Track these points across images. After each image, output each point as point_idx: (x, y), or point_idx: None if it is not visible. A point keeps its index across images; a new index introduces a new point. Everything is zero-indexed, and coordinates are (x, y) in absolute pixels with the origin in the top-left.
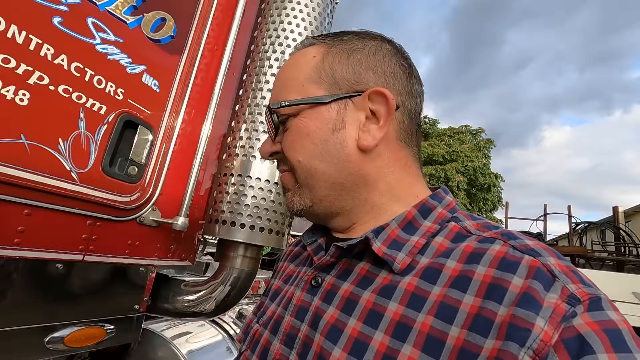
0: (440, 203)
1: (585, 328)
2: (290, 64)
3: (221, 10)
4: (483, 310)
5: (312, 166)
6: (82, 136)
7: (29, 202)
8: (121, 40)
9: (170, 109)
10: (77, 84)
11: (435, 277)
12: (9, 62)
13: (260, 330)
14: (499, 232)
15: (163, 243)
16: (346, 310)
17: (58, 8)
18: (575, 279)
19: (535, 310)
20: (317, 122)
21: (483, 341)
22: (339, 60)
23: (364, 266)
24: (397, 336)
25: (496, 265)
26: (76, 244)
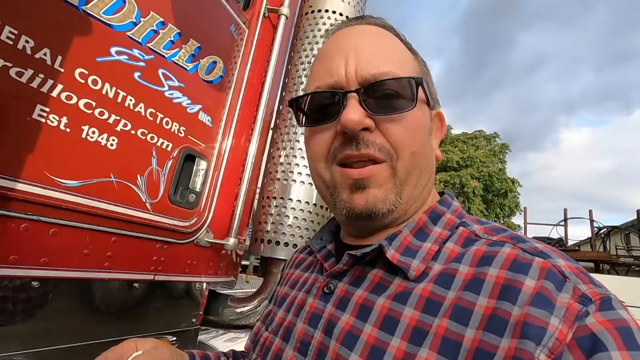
0: (448, 209)
1: (597, 327)
2: (390, 42)
3: (259, 50)
4: (497, 311)
5: (419, 162)
6: (154, 171)
7: (116, 230)
8: (183, 85)
9: (220, 140)
10: (151, 127)
11: (449, 282)
12: (103, 114)
13: (270, 337)
14: (508, 236)
15: (214, 261)
16: (361, 317)
17: (138, 65)
18: (586, 280)
19: (549, 309)
20: (425, 120)
21: (499, 341)
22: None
23: (377, 273)
24: (413, 341)
25: (508, 267)
26: (149, 265)
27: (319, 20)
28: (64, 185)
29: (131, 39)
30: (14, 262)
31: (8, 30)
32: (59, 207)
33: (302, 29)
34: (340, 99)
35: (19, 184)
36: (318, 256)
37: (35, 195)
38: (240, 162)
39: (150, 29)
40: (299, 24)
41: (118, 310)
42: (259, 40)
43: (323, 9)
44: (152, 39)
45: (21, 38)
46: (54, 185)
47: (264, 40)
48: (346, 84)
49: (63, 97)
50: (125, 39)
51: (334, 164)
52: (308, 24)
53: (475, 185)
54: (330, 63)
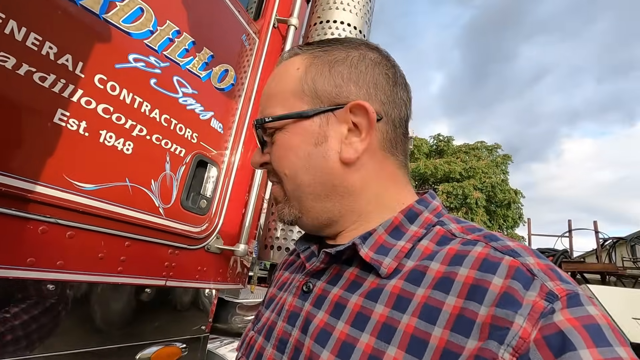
0: (426, 208)
1: (565, 324)
2: (276, 76)
3: (268, 59)
4: (464, 311)
5: (298, 179)
6: (168, 176)
7: (129, 235)
8: (196, 92)
9: (231, 147)
10: (166, 133)
11: (420, 279)
12: (120, 120)
13: (255, 336)
14: (482, 235)
15: (223, 268)
16: (335, 314)
17: (154, 72)
18: (554, 277)
19: (515, 308)
20: (300, 136)
21: (465, 341)
22: (321, 72)
23: (353, 271)
24: (382, 337)
25: (477, 266)
26: (160, 270)
27: (327, 31)
28: (82, 189)
29: (148, 47)
30: (31, 265)
31: (34, 36)
32: (76, 210)
33: (310, 39)
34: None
35: (39, 187)
36: (302, 256)
37: (54, 198)
38: (250, 168)
39: (166, 37)
40: (307, 34)
41: (129, 316)
42: (269, 49)
43: (331, 19)
44: (168, 46)
45: (45, 44)
46: (72, 188)
47: (274, 50)
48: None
49: (83, 102)
50: (143, 46)
51: None
52: (317, 35)
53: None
54: None
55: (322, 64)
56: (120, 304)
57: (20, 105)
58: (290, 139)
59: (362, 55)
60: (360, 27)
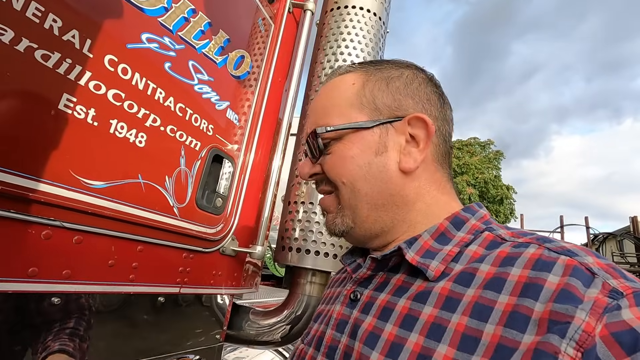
0: (473, 215)
1: (637, 322)
2: (329, 90)
3: (283, 46)
4: (518, 307)
5: (356, 187)
6: (182, 172)
7: (142, 238)
8: (212, 79)
9: (247, 140)
10: (180, 124)
11: (469, 280)
12: (132, 108)
13: (305, 349)
14: (534, 237)
15: (238, 272)
16: (383, 318)
17: (168, 54)
18: (617, 275)
19: (575, 304)
20: (360, 146)
21: (521, 337)
22: (379, 87)
23: (400, 277)
24: (431, 336)
25: (531, 266)
26: (174, 276)
27: (346, 17)
28: (90, 187)
29: (162, 26)
30: (33, 276)
31: (34, 6)
32: (84, 211)
33: (326, 25)
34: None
35: (42, 185)
36: (348, 269)
37: (60, 198)
38: (264, 164)
39: (181, 16)
40: (323, 20)
41: (140, 328)
42: (284, 36)
43: (349, 5)
44: (183, 27)
45: (48, 16)
46: (79, 186)
47: (289, 37)
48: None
49: (91, 87)
50: (157, 25)
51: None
52: (334, 21)
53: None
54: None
55: (379, 79)
56: (131, 316)
57: (20, 88)
58: (350, 148)
59: (414, 74)
60: (380, 14)
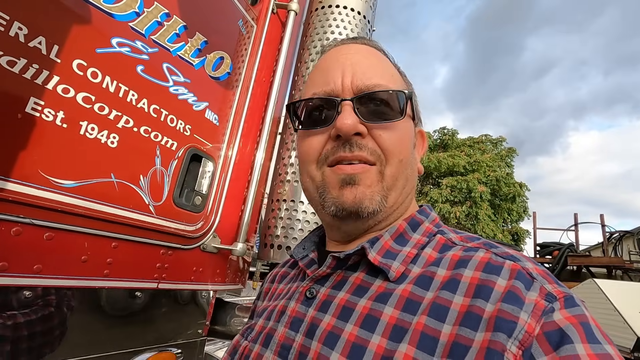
0: (427, 218)
1: (564, 322)
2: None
3: (267, 47)
4: (472, 308)
5: (406, 170)
6: (158, 172)
7: (116, 235)
8: (189, 80)
9: (228, 140)
10: (155, 124)
11: (428, 283)
12: (103, 110)
13: (249, 346)
14: (481, 243)
15: (221, 268)
16: (342, 317)
17: (141, 57)
18: (551, 280)
19: (519, 305)
20: (411, 133)
21: (474, 335)
22: (413, 92)
23: (359, 276)
24: (394, 338)
25: (481, 268)
26: (152, 272)
27: (330, 17)
28: (60, 186)
29: (134, 30)
30: (3, 270)
31: None
32: (54, 209)
33: (311, 25)
34: (336, 106)
35: (10, 184)
36: (300, 264)
37: (28, 196)
38: (248, 163)
39: (154, 20)
40: (309, 20)
41: (118, 321)
42: (267, 36)
43: (334, 4)
44: (156, 30)
45: (13, 24)
46: (49, 185)
47: (273, 37)
48: (342, 92)
49: (59, 90)
50: (128, 29)
51: (325, 166)
52: (318, 20)
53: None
54: (328, 73)
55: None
56: (110, 309)
57: None
58: (409, 130)
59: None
60: (365, 13)
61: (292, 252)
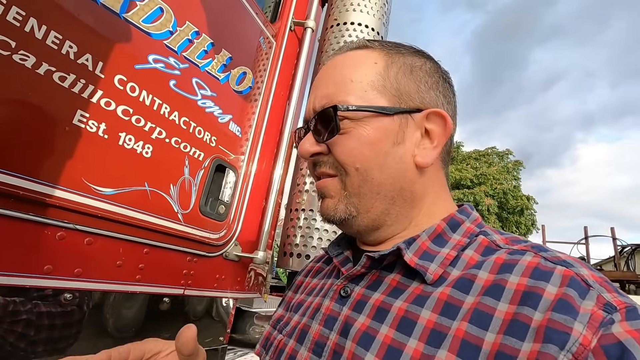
0: (468, 218)
1: (625, 335)
2: (346, 64)
3: (285, 63)
4: (518, 316)
5: (369, 176)
6: (186, 181)
7: (148, 241)
8: (215, 94)
9: (249, 151)
10: (185, 136)
11: (469, 287)
12: (140, 122)
13: (284, 340)
14: (529, 245)
15: (241, 276)
16: (377, 319)
17: (173, 73)
18: (610, 289)
19: (573, 315)
20: (380, 133)
21: (520, 344)
22: (404, 73)
23: (395, 277)
24: (431, 343)
25: (529, 274)
26: (179, 279)
27: (345, 33)
28: (101, 193)
29: (168, 48)
30: (48, 272)
31: (54, 35)
32: (95, 215)
33: (327, 41)
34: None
35: (57, 191)
36: (335, 261)
37: (73, 203)
38: (267, 173)
39: (185, 38)
40: (324, 36)
41: (146, 327)
42: (286, 53)
43: (348, 21)
44: (187, 47)
45: (65, 43)
46: (91, 192)
47: (290, 53)
48: (309, 117)
49: (102, 103)
50: (162, 47)
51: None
52: (334, 37)
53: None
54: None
55: (403, 65)
56: (137, 315)
57: (39, 106)
58: (369, 133)
59: (435, 67)
60: (378, 29)
61: (328, 248)
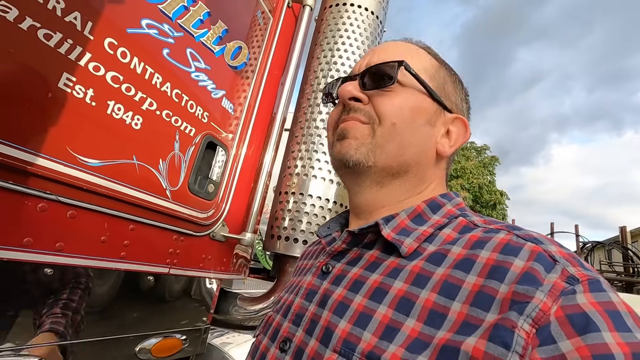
0: (450, 202)
1: (589, 307)
2: (409, 47)
3: (281, 40)
4: (484, 288)
5: (401, 135)
6: (176, 157)
7: (134, 217)
8: (209, 68)
9: (240, 130)
10: (176, 109)
11: (441, 260)
12: (130, 91)
13: (273, 315)
14: (504, 225)
15: (227, 257)
16: (353, 289)
17: (167, 41)
18: (576, 264)
19: (535, 285)
20: (421, 107)
21: (484, 315)
22: (449, 79)
23: (374, 253)
24: (400, 310)
25: (500, 250)
26: (164, 257)
27: (344, 14)
28: (86, 164)
29: (162, 13)
30: (28, 245)
31: None
32: (79, 187)
33: (324, 21)
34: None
35: (39, 159)
36: (323, 242)
37: (56, 173)
38: (258, 153)
39: (181, 4)
40: (322, 16)
41: (129, 305)
42: (282, 30)
43: (348, 2)
44: (183, 15)
45: None
46: (76, 163)
47: (287, 31)
48: (357, 72)
49: (91, 68)
50: (157, 12)
51: (335, 130)
52: (332, 17)
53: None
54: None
55: (449, 73)
56: (121, 292)
57: (22, 65)
58: (415, 101)
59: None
60: (378, 13)
61: (318, 231)
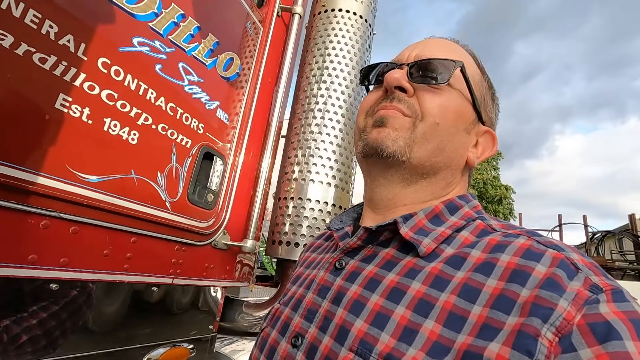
0: (467, 204)
1: (612, 316)
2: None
3: (272, 49)
4: (505, 291)
5: (441, 136)
6: (174, 168)
7: (135, 230)
8: (202, 80)
9: (237, 139)
10: (171, 122)
11: (460, 263)
12: (125, 107)
13: (281, 308)
14: (524, 230)
15: (230, 265)
16: (369, 288)
17: (159, 57)
18: (599, 273)
19: (559, 293)
20: (465, 112)
21: (505, 318)
22: (489, 91)
23: (390, 251)
24: (418, 311)
25: (521, 254)
26: (168, 268)
27: (333, 20)
28: (86, 181)
29: (153, 30)
30: (33, 262)
31: (32, 13)
32: (80, 203)
33: (314, 28)
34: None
35: (40, 178)
36: (335, 235)
37: (57, 190)
38: (255, 161)
39: (171, 21)
40: (312, 23)
41: (135, 316)
42: (273, 39)
43: (336, 8)
44: (173, 31)
45: (45, 22)
46: (75, 180)
47: (277, 39)
48: (404, 61)
49: (86, 87)
50: (147, 29)
51: (370, 116)
52: (321, 23)
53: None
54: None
55: (489, 85)
56: (127, 304)
57: (19, 88)
58: (460, 105)
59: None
60: (366, 17)
61: (330, 224)
